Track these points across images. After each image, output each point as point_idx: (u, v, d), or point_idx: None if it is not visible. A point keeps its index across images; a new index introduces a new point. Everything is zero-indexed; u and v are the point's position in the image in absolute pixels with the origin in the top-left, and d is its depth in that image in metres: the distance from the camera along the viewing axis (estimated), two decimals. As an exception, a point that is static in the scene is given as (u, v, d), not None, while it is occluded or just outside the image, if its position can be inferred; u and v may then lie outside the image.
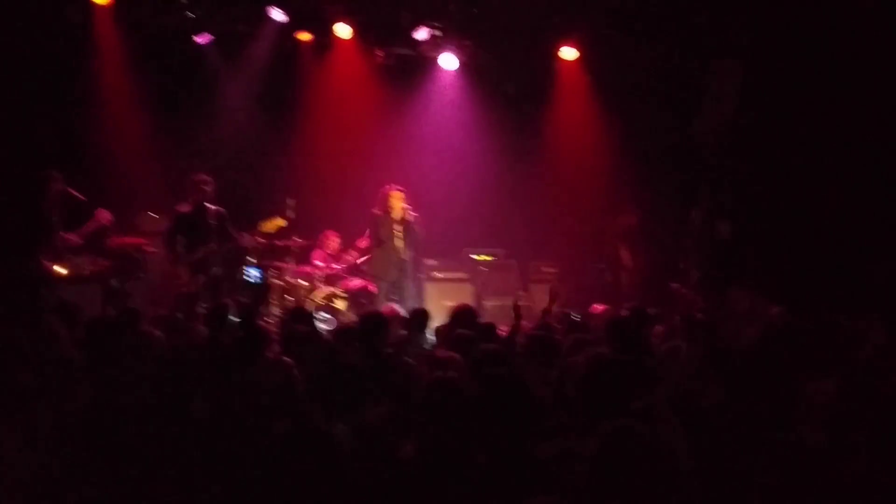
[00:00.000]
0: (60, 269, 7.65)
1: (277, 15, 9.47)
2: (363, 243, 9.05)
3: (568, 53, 10.28)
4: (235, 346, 4.05)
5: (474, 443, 2.96)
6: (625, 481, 2.45)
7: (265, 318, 8.05)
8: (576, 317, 6.65)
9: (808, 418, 3.62)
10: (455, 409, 2.98)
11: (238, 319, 4.73)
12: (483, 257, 10.13)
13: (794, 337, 4.75)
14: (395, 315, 5.72)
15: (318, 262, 9.48)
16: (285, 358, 3.44)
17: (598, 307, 7.05)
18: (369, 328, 4.85)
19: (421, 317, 5.79)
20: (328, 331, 8.43)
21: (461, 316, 5.39)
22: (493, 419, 2.94)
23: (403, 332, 5.63)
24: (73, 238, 7.65)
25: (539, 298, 9.69)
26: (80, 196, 7.70)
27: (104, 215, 7.79)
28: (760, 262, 8.55)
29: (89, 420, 3.13)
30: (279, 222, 8.39)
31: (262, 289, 4.62)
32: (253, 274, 7.71)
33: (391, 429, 3.56)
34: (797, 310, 6.54)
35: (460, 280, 9.84)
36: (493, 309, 9.56)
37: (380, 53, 10.36)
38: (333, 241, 9.65)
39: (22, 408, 3.28)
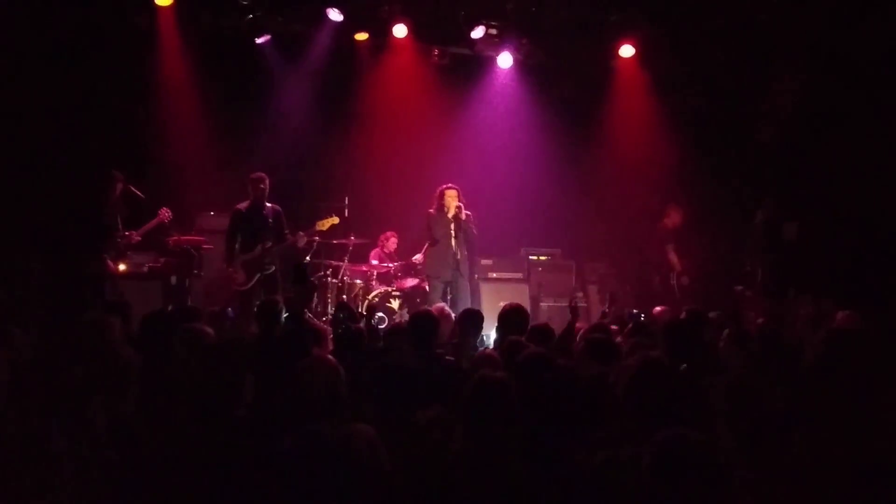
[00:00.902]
0: (121, 267, 7.85)
1: (335, 15, 9.53)
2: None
3: (626, 51, 10.08)
4: (281, 342, 4.05)
5: (518, 446, 2.87)
6: (678, 492, 2.33)
7: (321, 317, 8.13)
8: (642, 318, 6.48)
9: (877, 427, 3.41)
10: (500, 409, 2.90)
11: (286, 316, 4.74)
12: (540, 257, 10.00)
13: (863, 342, 4.51)
14: (445, 315, 5.63)
15: (374, 262, 9.51)
16: (329, 356, 3.41)
17: (659, 309, 6.86)
18: (419, 328, 4.79)
19: (474, 318, 5.68)
20: (381, 330, 8.50)
21: (509, 316, 5.27)
22: (536, 423, 2.85)
23: (456, 332, 5.55)
24: (134, 236, 7.84)
25: (596, 300, 9.55)
26: (139, 194, 7.89)
27: (165, 213, 7.97)
28: (828, 264, 8.21)
29: (138, 418, 3.16)
30: (334, 220, 8.44)
31: (307, 287, 4.63)
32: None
33: (440, 430, 3.50)
34: (868, 314, 6.25)
35: (516, 280, 9.73)
36: (550, 310, 9.46)
37: (436, 52, 10.34)
38: (392, 242, 9.68)
39: (75, 405, 3.33)
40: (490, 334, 7.16)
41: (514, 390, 2.97)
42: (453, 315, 5.96)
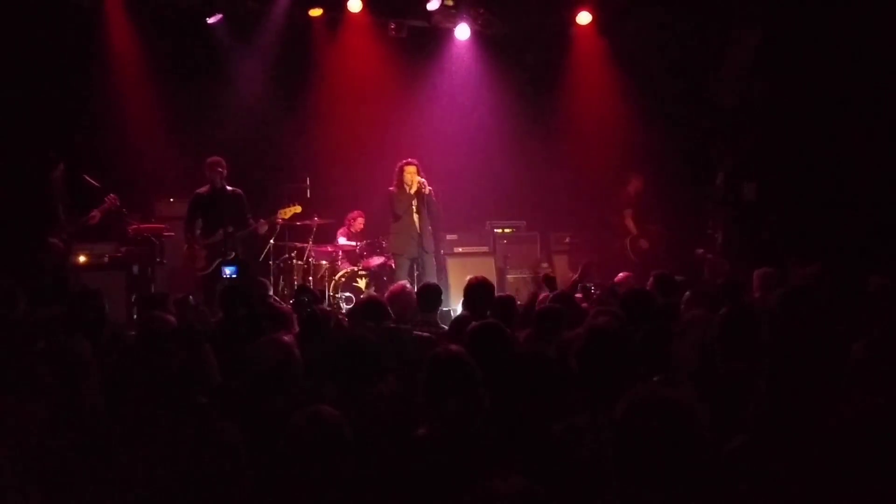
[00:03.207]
0: (80, 257, 7.69)
1: (287, -9, 9.35)
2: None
3: (583, 18, 10.05)
4: (238, 326, 4.02)
5: (483, 419, 2.87)
6: (651, 449, 2.31)
7: (287, 300, 8.07)
8: (592, 291, 6.52)
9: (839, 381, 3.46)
10: (461, 384, 2.89)
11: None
12: (504, 230, 10.01)
13: (819, 298, 4.59)
14: (407, 293, 5.60)
15: (342, 240, 9.45)
16: (284, 336, 3.39)
17: (622, 275, 6.91)
18: (369, 313, 4.78)
19: (432, 293, 5.67)
20: (348, 309, 8.47)
21: (474, 290, 5.27)
22: (495, 395, 2.85)
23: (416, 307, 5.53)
24: (95, 214, 7.59)
25: (562, 270, 9.59)
26: (94, 182, 7.71)
27: (112, 199, 7.73)
28: (787, 222, 8.32)
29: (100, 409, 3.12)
30: (296, 209, 8.37)
31: (245, 279, 4.66)
32: (228, 271, 7.70)
33: (401, 406, 3.50)
34: (828, 270, 6.35)
35: (482, 254, 9.73)
36: (516, 281, 9.50)
37: (393, 26, 10.22)
38: (359, 222, 9.61)
39: (34, 396, 3.27)
40: (457, 308, 7.17)
41: (471, 364, 2.96)
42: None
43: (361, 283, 8.99)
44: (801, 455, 2.73)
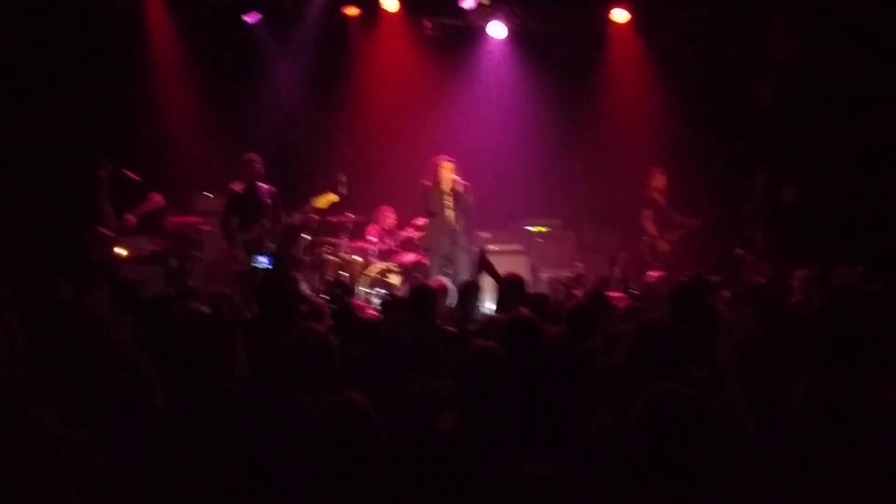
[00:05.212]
0: (121, 251, 7.81)
1: (324, -10, 9.42)
2: (422, 221, 8.96)
3: (619, 15, 9.95)
4: (272, 319, 4.04)
5: (513, 416, 2.85)
6: (669, 447, 2.31)
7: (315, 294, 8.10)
8: (633, 290, 6.47)
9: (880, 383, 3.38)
10: (494, 379, 2.87)
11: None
12: (538, 228, 9.94)
13: (865, 298, 4.47)
14: (444, 289, 5.62)
15: (372, 238, 9.46)
16: (317, 326, 3.39)
17: (654, 274, 6.83)
18: (419, 300, 4.78)
19: (471, 289, 5.70)
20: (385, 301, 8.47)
21: (505, 287, 5.25)
22: (528, 391, 2.82)
23: (453, 304, 5.53)
24: (130, 218, 7.76)
25: (596, 269, 9.51)
26: (135, 177, 7.82)
27: (157, 199, 7.88)
28: (829, 224, 8.14)
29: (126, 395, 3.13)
30: (332, 198, 8.39)
31: (280, 272, 4.69)
32: (262, 261, 7.74)
33: (437, 401, 3.48)
34: (870, 274, 6.21)
35: (515, 252, 9.67)
36: (550, 281, 9.42)
37: (428, 25, 10.23)
38: (389, 217, 9.61)
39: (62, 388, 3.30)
40: (489, 306, 7.12)
41: (505, 359, 2.95)
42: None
43: (394, 280, 8.99)
44: (844, 453, 2.67)
